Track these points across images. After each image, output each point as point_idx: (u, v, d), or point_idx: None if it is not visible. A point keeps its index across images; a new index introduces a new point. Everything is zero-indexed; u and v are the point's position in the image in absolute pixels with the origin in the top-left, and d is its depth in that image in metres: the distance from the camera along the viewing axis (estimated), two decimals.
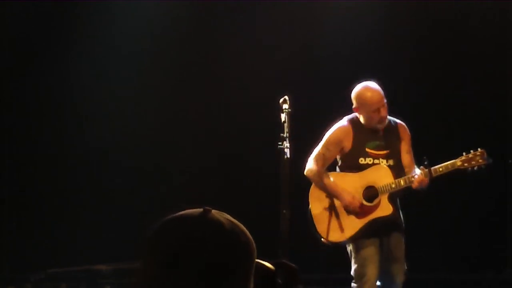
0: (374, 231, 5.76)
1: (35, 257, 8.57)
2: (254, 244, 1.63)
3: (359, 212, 5.78)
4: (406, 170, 5.81)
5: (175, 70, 8.92)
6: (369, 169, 5.77)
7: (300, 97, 6.55)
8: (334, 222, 5.75)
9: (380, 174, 5.77)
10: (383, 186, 5.76)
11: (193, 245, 1.57)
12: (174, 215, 1.64)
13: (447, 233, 8.56)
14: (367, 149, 5.78)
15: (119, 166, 8.85)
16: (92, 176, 8.88)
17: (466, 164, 5.72)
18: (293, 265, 1.73)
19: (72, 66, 8.85)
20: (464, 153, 5.79)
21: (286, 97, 5.90)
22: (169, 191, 8.65)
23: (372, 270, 5.76)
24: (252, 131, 8.37)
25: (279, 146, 5.79)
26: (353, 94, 5.85)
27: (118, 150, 8.81)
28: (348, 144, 5.81)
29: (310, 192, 5.93)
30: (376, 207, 5.78)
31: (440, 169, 5.68)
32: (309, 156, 5.95)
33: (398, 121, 5.97)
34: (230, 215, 1.69)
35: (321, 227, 5.89)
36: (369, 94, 5.77)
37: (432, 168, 5.67)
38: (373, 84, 5.85)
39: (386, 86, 8.58)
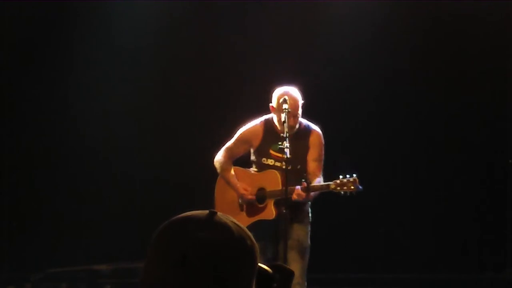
0: (261, 233, 5.36)
1: (35, 257, 8.57)
2: (257, 248, 1.63)
3: (251, 208, 5.95)
4: (309, 177, 5.79)
5: (175, 70, 8.91)
6: (263, 171, 5.95)
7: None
8: (228, 214, 5.84)
9: (270, 179, 5.90)
10: (270, 191, 5.91)
11: (202, 246, 1.56)
12: (181, 215, 1.63)
13: (447, 233, 8.56)
14: (270, 151, 5.93)
15: (119, 166, 8.84)
16: (92, 176, 8.87)
17: (338, 188, 5.71)
18: (289, 268, 1.73)
19: (72, 66, 8.84)
20: (340, 177, 5.75)
21: (286, 97, 5.90)
22: (169, 192, 8.65)
23: None
24: None
25: (279, 146, 5.80)
26: (274, 94, 5.96)
27: (118, 150, 8.81)
28: (255, 144, 6.01)
29: (217, 182, 6.14)
30: (263, 209, 5.93)
31: (316, 187, 5.74)
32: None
33: (313, 127, 6.03)
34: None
35: None
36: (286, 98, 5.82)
37: (311, 185, 5.69)
38: (294, 92, 5.92)
39: (386, 85, 8.62)
